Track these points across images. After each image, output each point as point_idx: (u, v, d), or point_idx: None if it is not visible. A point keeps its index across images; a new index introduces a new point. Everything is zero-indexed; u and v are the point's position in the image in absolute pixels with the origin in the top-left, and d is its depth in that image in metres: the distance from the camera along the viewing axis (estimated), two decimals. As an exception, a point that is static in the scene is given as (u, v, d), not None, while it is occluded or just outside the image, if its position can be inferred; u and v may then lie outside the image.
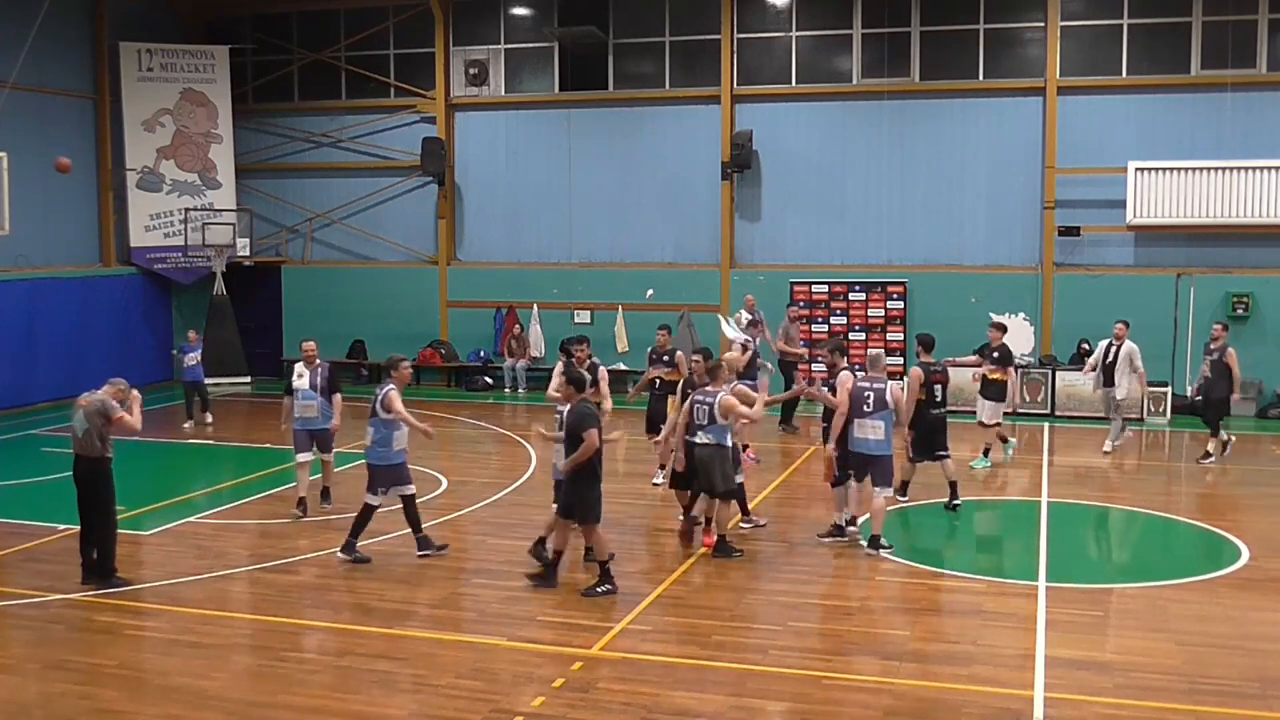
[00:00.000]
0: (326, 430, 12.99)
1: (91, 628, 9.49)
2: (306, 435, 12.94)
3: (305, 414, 12.93)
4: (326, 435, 13.03)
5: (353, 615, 9.70)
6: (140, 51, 23.81)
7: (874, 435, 11.41)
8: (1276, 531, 12.46)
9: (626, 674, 8.38)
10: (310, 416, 12.92)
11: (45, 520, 12.64)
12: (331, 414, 12.96)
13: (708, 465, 11.20)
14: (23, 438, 18.28)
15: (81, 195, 23.28)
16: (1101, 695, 7.95)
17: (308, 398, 12.88)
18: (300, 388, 12.91)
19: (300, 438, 12.95)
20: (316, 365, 12.98)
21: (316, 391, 12.88)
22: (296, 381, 12.94)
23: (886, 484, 11.56)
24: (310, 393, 12.87)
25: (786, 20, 22.37)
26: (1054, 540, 12.18)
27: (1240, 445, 17.60)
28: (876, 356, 12.02)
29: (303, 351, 13.16)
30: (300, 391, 12.90)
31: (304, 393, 12.89)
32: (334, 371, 13.20)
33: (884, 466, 11.48)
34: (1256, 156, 19.84)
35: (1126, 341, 16.52)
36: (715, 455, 11.17)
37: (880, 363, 11.94)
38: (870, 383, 11.53)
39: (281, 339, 25.25)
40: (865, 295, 21.79)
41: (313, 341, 13.22)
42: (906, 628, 9.41)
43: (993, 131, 21.45)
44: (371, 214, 24.97)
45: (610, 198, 23.49)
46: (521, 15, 23.82)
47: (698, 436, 11.28)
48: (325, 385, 12.95)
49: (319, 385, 12.90)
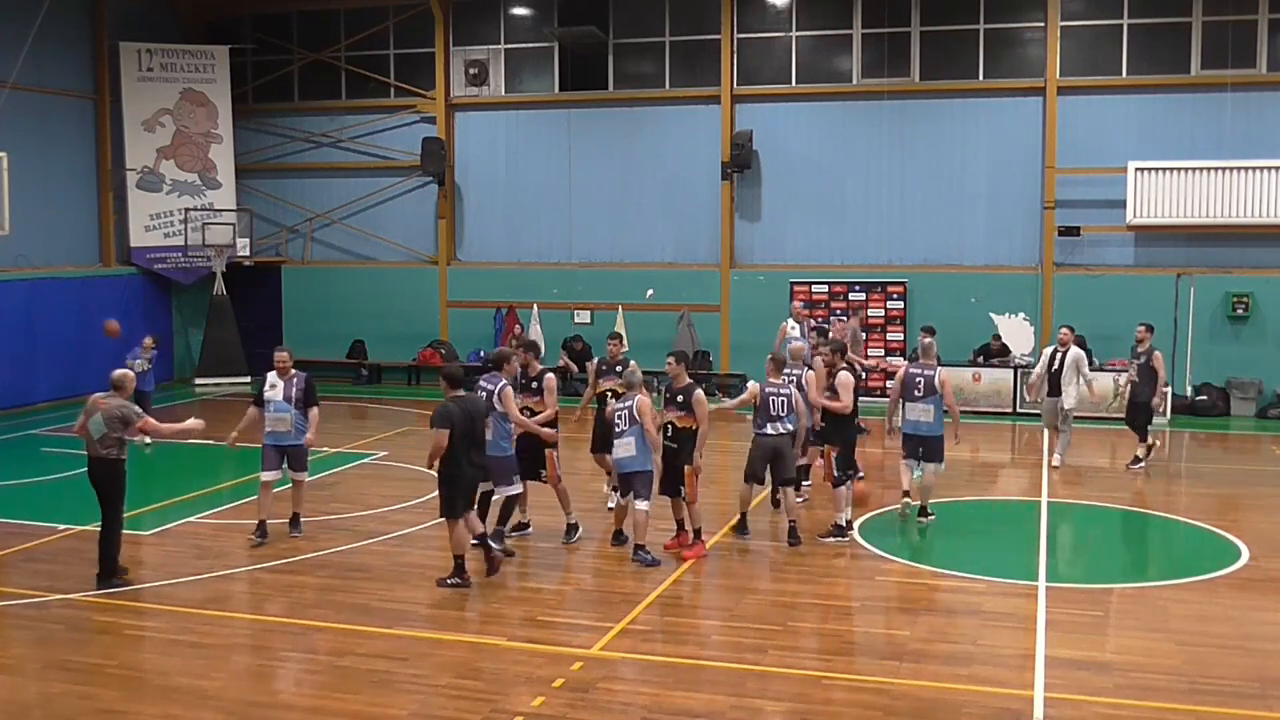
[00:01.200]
0: (300, 446, 11.96)
1: (91, 628, 9.49)
2: (277, 452, 11.90)
3: (277, 428, 11.85)
4: (300, 451, 12.00)
5: (353, 615, 9.70)
6: (140, 51, 23.81)
7: (924, 418, 12.26)
8: (1276, 531, 12.46)
9: (626, 674, 8.38)
10: (282, 431, 11.85)
11: (45, 520, 12.66)
12: (306, 428, 11.94)
13: (784, 453, 11.69)
14: (23, 438, 18.28)
15: (81, 195, 23.28)
16: (1101, 695, 7.95)
17: (281, 410, 11.81)
18: (273, 399, 11.84)
19: (269, 454, 11.89)
20: (292, 376, 11.95)
21: (291, 404, 11.83)
22: (269, 393, 11.87)
23: (939, 460, 12.48)
24: (284, 405, 11.81)
25: (786, 20, 22.38)
26: (1054, 540, 12.19)
27: (1240, 445, 17.64)
28: (929, 345, 12.73)
29: (276, 362, 12.03)
30: (273, 404, 11.82)
31: (277, 405, 11.82)
32: (311, 383, 12.12)
33: (936, 446, 12.37)
34: (1256, 156, 19.85)
35: (1072, 348, 15.65)
36: (788, 443, 11.72)
37: (931, 351, 12.66)
38: (921, 369, 12.38)
39: (281, 339, 25.23)
40: (865, 295, 21.79)
41: (286, 351, 12.16)
42: (906, 628, 9.40)
43: (993, 132, 21.45)
44: (371, 214, 24.97)
45: (610, 198, 23.50)
46: (521, 15, 23.82)
47: (768, 428, 11.60)
48: (301, 397, 11.90)
49: (294, 397, 11.86)
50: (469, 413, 10.35)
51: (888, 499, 13.68)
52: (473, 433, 10.36)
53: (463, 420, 10.25)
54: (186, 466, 16.72)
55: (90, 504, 10.65)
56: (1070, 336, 15.85)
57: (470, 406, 10.43)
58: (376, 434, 18.40)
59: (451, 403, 10.34)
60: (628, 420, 10.98)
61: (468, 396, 10.56)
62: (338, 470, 15.49)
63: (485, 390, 11.14)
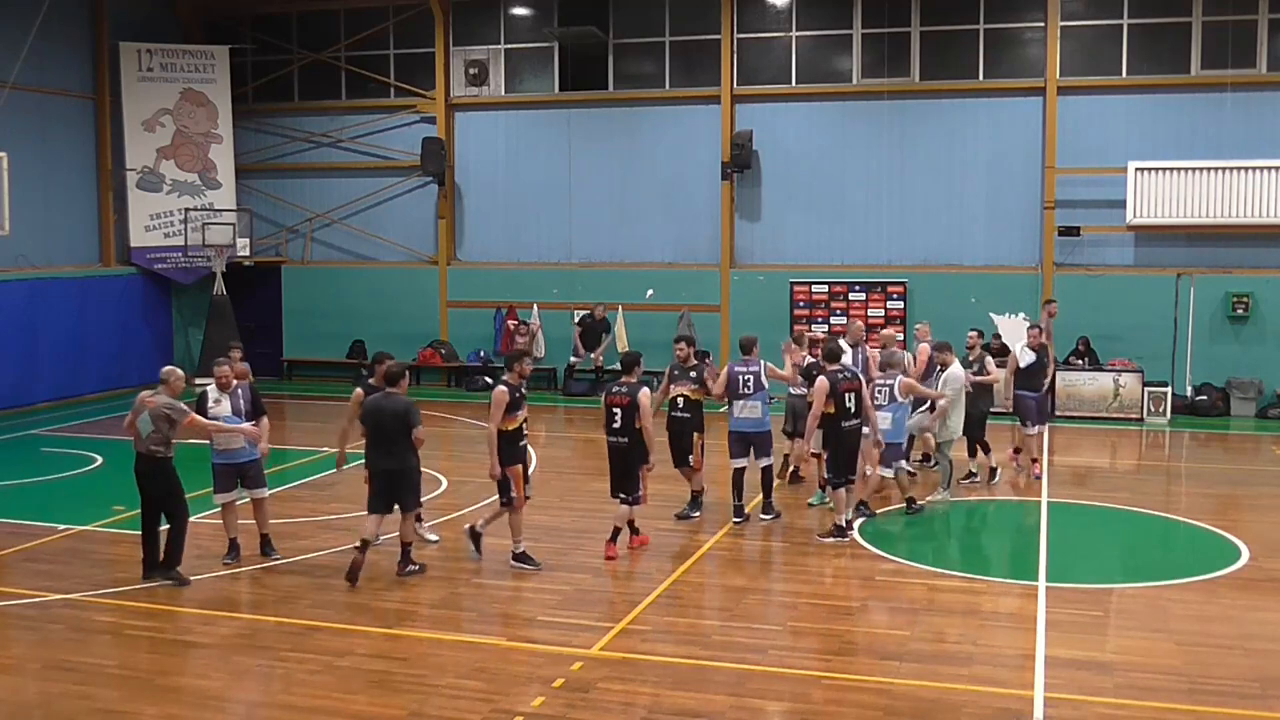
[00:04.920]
0: (256, 461, 11.10)
1: (91, 628, 9.49)
2: (232, 472, 11.01)
3: (231, 444, 10.94)
4: (256, 467, 11.11)
5: (353, 615, 9.70)
6: (140, 51, 23.80)
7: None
8: (1276, 531, 12.46)
9: (626, 674, 8.38)
10: (235, 449, 10.94)
11: (45, 520, 12.66)
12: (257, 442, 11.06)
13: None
14: (23, 438, 18.27)
15: (81, 195, 23.27)
16: (1101, 695, 7.95)
17: (230, 424, 10.87)
18: (220, 415, 10.87)
19: (222, 476, 11.02)
20: (235, 386, 11.02)
21: (241, 416, 10.95)
22: (213, 409, 10.87)
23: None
24: (233, 419, 10.89)
25: (786, 20, 22.37)
26: (1054, 540, 12.18)
27: (1240, 445, 17.63)
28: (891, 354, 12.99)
29: (217, 377, 11.04)
30: (221, 419, 10.86)
31: (226, 419, 10.87)
32: (256, 391, 11.32)
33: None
34: (1256, 156, 19.84)
35: (954, 365, 13.57)
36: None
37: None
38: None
39: (281, 339, 25.26)
40: (865, 295, 21.79)
41: (227, 366, 11.10)
42: (906, 628, 9.40)
43: (993, 131, 21.45)
44: (371, 214, 24.97)
45: (610, 198, 23.50)
46: (521, 15, 23.82)
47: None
48: (249, 409, 11.05)
49: (243, 409, 10.98)
50: (382, 411, 10.49)
51: (887, 498, 13.71)
52: (381, 431, 10.47)
53: (373, 418, 10.49)
54: (186, 466, 16.69)
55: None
56: (949, 354, 13.60)
57: (387, 405, 10.53)
58: (376, 434, 18.35)
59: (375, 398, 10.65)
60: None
61: (392, 395, 10.61)
62: (341, 470, 15.47)
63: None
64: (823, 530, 12.02)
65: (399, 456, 10.46)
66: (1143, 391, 19.70)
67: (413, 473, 10.65)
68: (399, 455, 10.46)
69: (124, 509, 12.78)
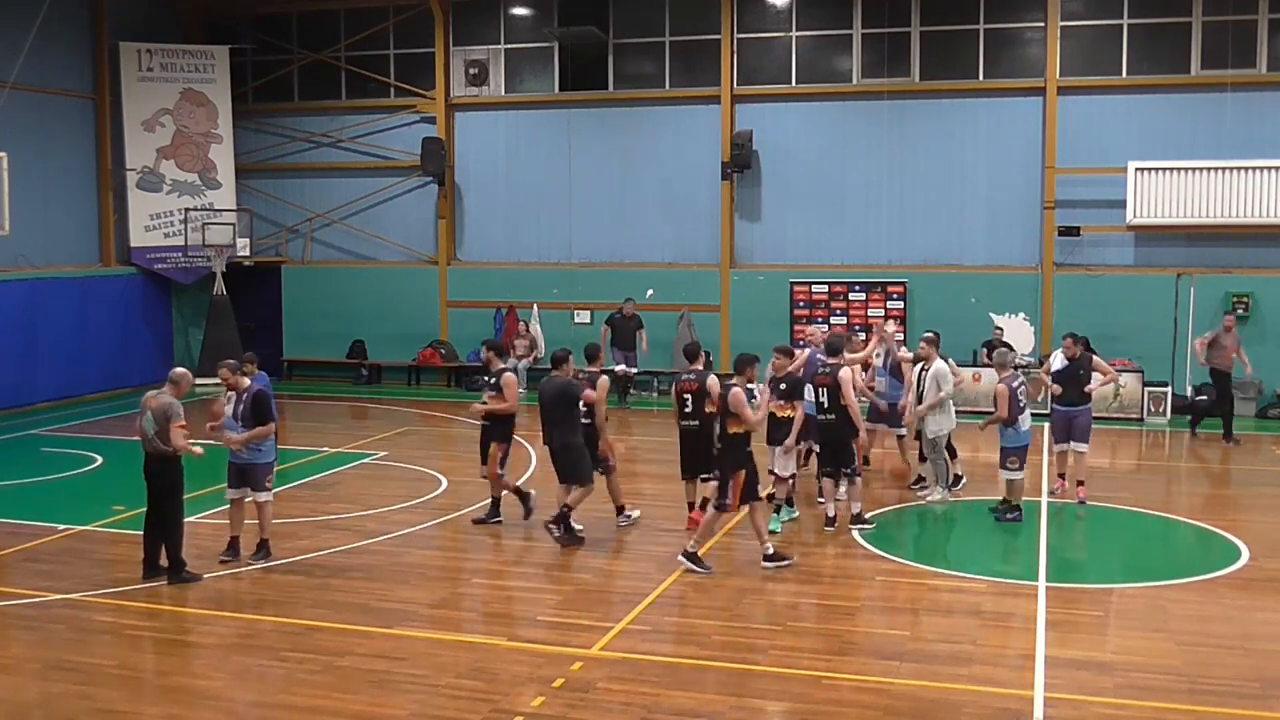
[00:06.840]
0: (255, 465, 11.22)
1: (91, 628, 9.49)
2: (234, 471, 11.25)
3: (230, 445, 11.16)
4: (255, 471, 11.21)
5: (353, 615, 9.70)
6: (140, 51, 23.79)
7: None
8: (1276, 531, 12.46)
9: (626, 674, 8.38)
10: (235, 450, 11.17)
11: (45, 520, 12.66)
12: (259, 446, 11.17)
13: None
14: (23, 438, 18.27)
15: (81, 195, 23.27)
16: (1101, 695, 7.96)
17: (230, 428, 11.10)
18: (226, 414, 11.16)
19: (230, 473, 11.30)
20: (241, 391, 11.18)
21: (239, 421, 11.08)
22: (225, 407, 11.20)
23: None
24: (232, 422, 11.09)
25: (786, 20, 22.37)
26: (1054, 540, 12.19)
27: (1240, 445, 17.60)
28: (1003, 354, 13.15)
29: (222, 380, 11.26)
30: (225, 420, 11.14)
31: (228, 422, 11.12)
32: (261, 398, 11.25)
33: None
34: (1256, 156, 19.83)
35: (937, 361, 13.22)
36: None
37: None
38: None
39: (281, 339, 25.25)
40: (865, 295, 21.79)
41: (227, 368, 11.24)
42: (906, 628, 9.41)
43: (993, 131, 21.44)
44: (371, 214, 24.97)
45: (610, 198, 23.49)
46: (521, 15, 23.81)
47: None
48: (248, 414, 11.14)
49: (242, 414, 11.12)
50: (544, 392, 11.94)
51: (888, 498, 13.71)
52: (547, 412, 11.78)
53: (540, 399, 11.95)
54: (186, 466, 16.70)
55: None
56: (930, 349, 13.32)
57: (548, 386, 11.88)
58: (376, 434, 18.40)
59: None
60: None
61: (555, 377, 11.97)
62: (338, 470, 15.51)
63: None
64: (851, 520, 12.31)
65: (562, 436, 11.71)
66: (1143, 392, 19.70)
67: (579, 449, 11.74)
68: (561, 434, 11.70)
69: (124, 509, 12.80)
